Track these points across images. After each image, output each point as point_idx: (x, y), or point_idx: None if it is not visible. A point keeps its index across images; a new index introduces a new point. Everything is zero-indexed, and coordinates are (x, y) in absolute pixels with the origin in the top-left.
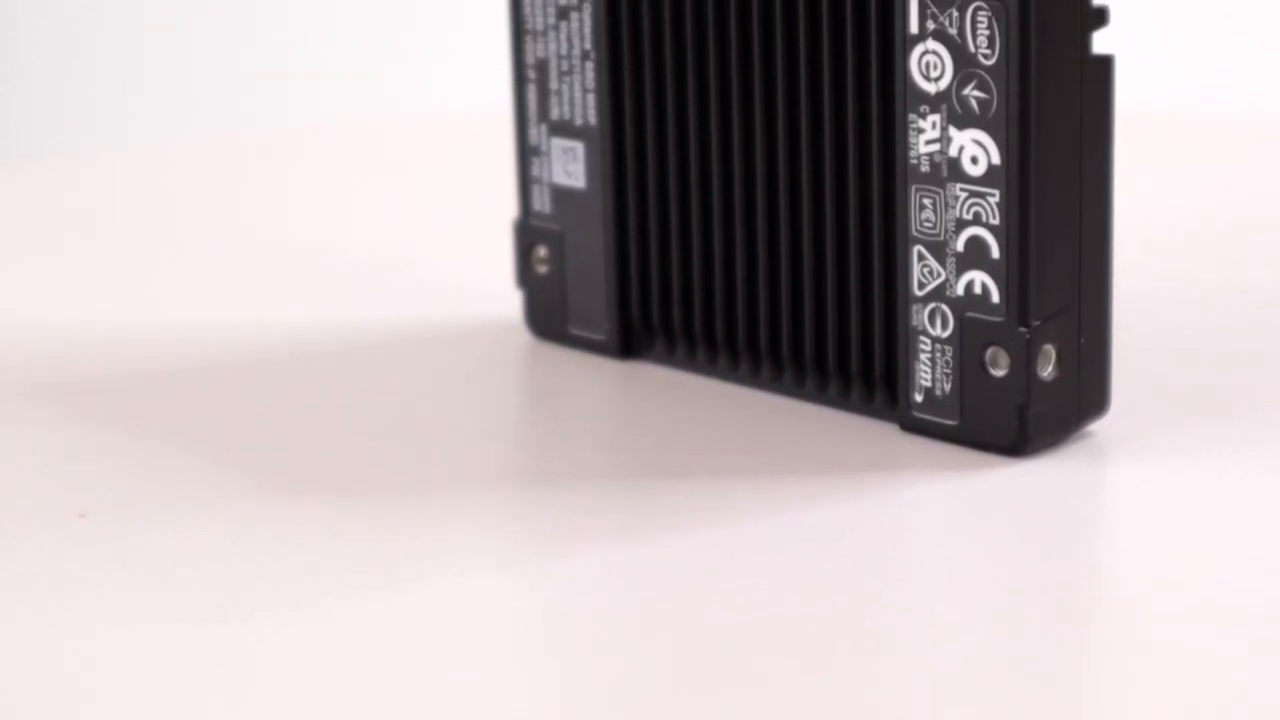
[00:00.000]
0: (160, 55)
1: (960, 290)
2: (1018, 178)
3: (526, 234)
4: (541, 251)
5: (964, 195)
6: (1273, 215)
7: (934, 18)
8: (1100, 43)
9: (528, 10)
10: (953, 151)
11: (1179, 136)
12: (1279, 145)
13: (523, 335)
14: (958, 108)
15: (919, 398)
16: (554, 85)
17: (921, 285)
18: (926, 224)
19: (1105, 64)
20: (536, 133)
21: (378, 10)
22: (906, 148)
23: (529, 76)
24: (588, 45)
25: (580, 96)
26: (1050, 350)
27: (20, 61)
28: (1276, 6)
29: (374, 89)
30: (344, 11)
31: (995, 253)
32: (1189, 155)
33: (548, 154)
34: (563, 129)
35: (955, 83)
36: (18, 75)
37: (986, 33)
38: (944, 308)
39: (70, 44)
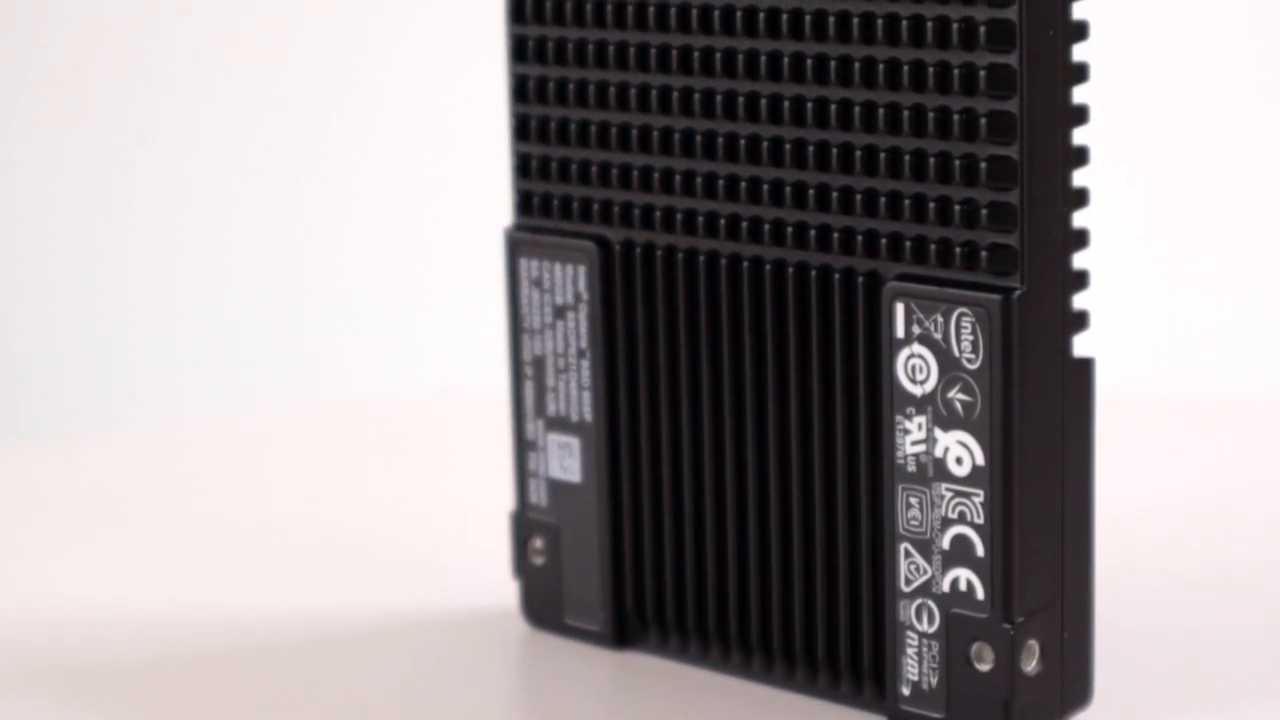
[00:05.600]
0: (166, 336)
1: (946, 587)
2: (1001, 479)
3: (523, 526)
4: (538, 543)
5: (949, 495)
6: (1249, 497)
7: (919, 322)
8: (1080, 345)
9: (525, 309)
10: (938, 452)
11: (1148, 418)
12: (1252, 425)
13: (519, 624)
14: (943, 410)
15: (906, 691)
16: (550, 382)
17: (908, 581)
18: (913, 522)
19: (1086, 366)
20: (533, 428)
21: (379, 296)
22: (894, 448)
23: (526, 373)
24: (584, 344)
25: (576, 393)
26: (1034, 645)
27: (24, 343)
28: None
29: (375, 373)
30: (349, 296)
31: (980, 551)
32: (1161, 438)
33: (544, 449)
34: (559, 425)
35: (940, 385)
36: (25, 356)
37: (970, 338)
38: (930, 603)
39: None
